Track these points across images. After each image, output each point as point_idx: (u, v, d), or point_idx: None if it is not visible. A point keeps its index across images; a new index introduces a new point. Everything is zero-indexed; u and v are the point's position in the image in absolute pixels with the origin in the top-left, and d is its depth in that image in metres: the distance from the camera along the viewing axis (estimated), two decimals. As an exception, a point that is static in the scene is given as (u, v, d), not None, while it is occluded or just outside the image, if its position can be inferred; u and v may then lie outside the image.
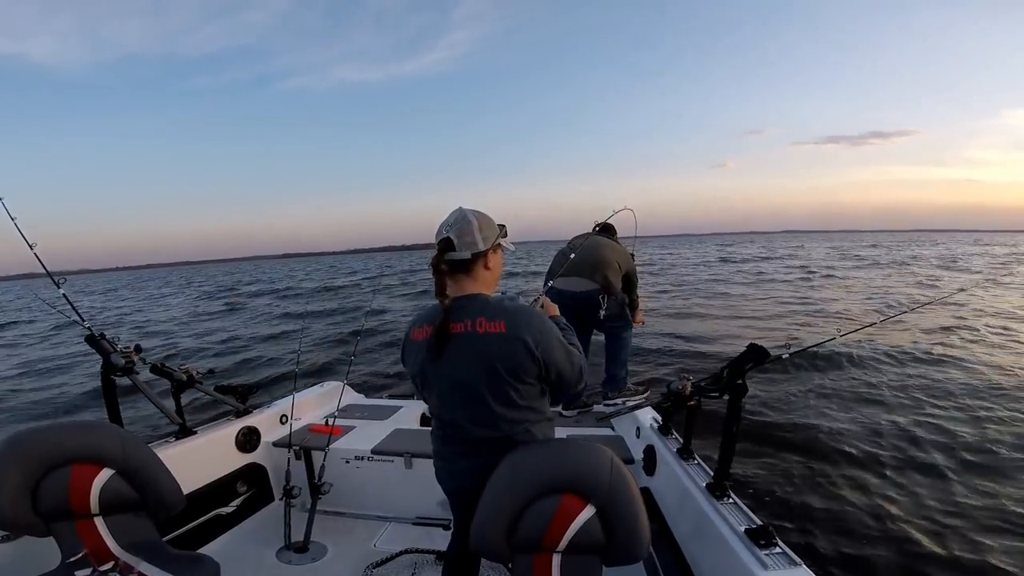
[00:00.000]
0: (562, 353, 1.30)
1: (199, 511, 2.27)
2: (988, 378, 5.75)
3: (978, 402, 5.01)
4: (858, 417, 4.73)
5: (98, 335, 1.94)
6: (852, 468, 3.76)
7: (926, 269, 21.44)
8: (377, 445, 2.52)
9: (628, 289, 3.13)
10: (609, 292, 2.93)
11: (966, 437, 4.17)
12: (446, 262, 1.28)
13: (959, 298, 10.47)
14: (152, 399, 2.11)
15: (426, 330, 1.31)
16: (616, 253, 3.02)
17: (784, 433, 4.36)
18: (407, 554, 2.21)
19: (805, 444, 4.15)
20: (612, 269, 2.95)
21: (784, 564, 1.26)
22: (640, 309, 3.25)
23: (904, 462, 3.82)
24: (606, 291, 2.92)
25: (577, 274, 2.89)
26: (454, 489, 1.46)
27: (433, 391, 1.35)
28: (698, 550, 1.60)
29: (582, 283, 2.89)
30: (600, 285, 2.90)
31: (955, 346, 7.34)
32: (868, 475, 3.65)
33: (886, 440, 4.20)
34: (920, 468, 3.73)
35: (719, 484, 1.61)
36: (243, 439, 2.51)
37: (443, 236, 1.28)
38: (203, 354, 9.66)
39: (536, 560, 1.26)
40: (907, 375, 5.98)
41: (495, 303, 1.29)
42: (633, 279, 3.12)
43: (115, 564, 1.45)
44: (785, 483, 3.56)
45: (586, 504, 1.23)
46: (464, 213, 1.31)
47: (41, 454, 1.45)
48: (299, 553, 2.23)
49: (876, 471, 3.70)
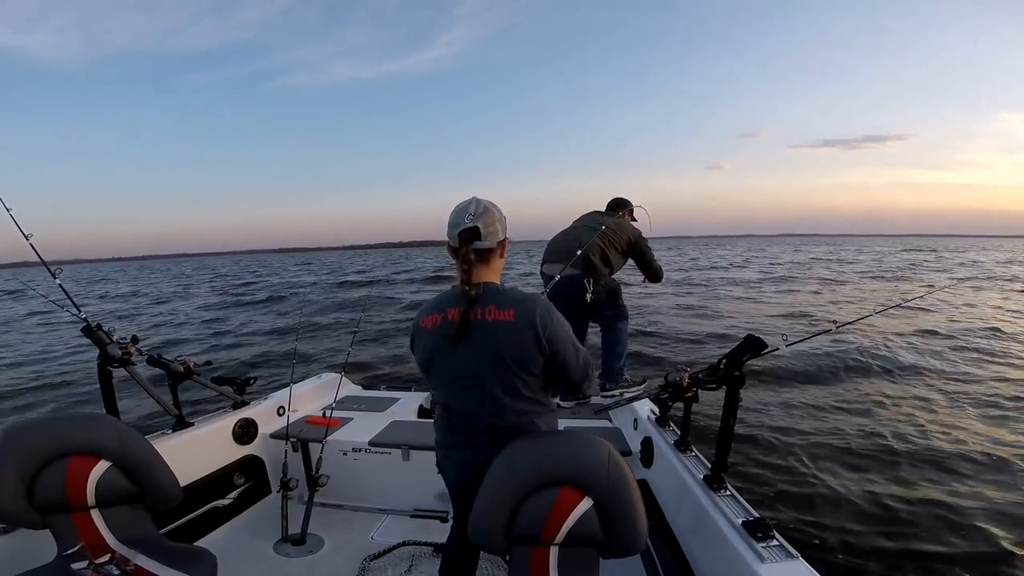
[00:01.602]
0: (569, 343, 1.30)
1: (196, 503, 2.26)
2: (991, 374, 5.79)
3: (982, 395, 5.05)
4: (854, 410, 4.76)
5: (94, 326, 1.93)
6: (849, 460, 3.79)
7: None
8: (374, 437, 2.52)
9: (643, 264, 3.03)
10: (593, 276, 2.78)
11: (969, 432, 4.18)
12: (474, 251, 1.27)
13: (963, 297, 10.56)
14: (149, 391, 2.10)
15: (435, 317, 1.30)
16: (610, 232, 2.86)
17: (781, 425, 4.39)
18: (404, 546, 2.21)
19: (802, 436, 4.18)
20: (595, 250, 2.79)
21: (781, 556, 1.26)
22: None
23: (902, 455, 3.85)
24: (589, 275, 2.77)
25: (557, 259, 2.82)
26: (456, 479, 1.45)
27: (441, 379, 1.35)
28: (695, 542, 1.60)
29: (562, 267, 2.63)
30: (581, 269, 2.72)
31: (954, 344, 7.39)
32: (865, 468, 3.68)
33: (883, 432, 4.23)
34: (918, 462, 3.75)
35: (716, 476, 1.61)
36: (240, 431, 2.50)
37: (468, 226, 1.27)
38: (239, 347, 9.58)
39: (534, 552, 1.26)
40: (907, 367, 6.02)
41: (505, 292, 1.29)
42: (644, 252, 2.99)
43: (112, 557, 1.44)
44: (782, 475, 3.58)
45: (584, 496, 1.23)
46: (485, 203, 1.30)
47: (37, 447, 1.44)
48: (296, 545, 2.23)
49: (873, 464, 3.73)
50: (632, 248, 2.98)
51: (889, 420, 4.51)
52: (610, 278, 2.95)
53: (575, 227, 3.00)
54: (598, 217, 3.00)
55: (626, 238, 2.94)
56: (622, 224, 2.98)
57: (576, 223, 3.04)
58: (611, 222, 2.92)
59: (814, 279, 19.01)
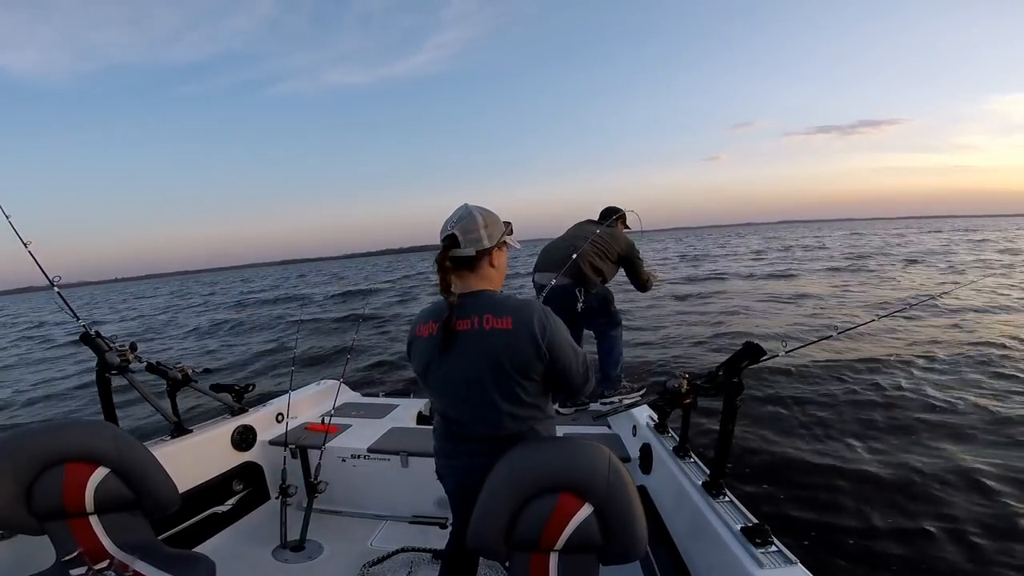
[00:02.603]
0: (568, 347, 1.30)
1: (195, 510, 2.26)
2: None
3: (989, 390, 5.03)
4: (856, 415, 4.75)
5: (93, 333, 1.93)
6: (849, 466, 3.77)
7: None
8: (373, 443, 2.52)
9: (632, 274, 3.07)
10: (584, 285, 2.84)
11: (981, 444, 4.12)
12: (451, 259, 1.27)
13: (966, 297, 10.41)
14: (147, 397, 2.10)
15: (432, 327, 1.30)
16: (602, 242, 2.91)
17: (782, 431, 4.38)
18: (403, 552, 2.20)
19: (803, 442, 4.17)
20: (586, 260, 2.82)
21: (780, 562, 1.26)
22: (655, 275, 3.15)
23: (905, 462, 3.83)
24: (580, 284, 2.83)
25: (548, 268, 2.85)
26: (456, 487, 1.45)
27: (439, 388, 1.35)
28: (694, 548, 1.60)
29: (553, 277, 2.67)
30: (572, 279, 2.78)
31: (955, 341, 7.38)
32: (865, 473, 3.67)
33: (886, 438, 4.21)
34: (919, 468, 3.73)
35: (715, 482, 1.61)
36: (239, 437, 2.50)
37: (447, 232, 1.28)
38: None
39: (533, 558, 1.26)
40: (909, 372, 6.00)
41: (501, 300, 1.29)
42: (635, 262, 3.02)
43: (110, 563, 1.44)
44: (781, 481, 3.57)
45: (584, 503, 1.23)
46: (469, 210, 1.30)
47: (35, 453, 1.44)
48: (295, 552, 2.23)
49: (874, 469, 3.71)
50: (623, 259, 3.02)
51: (895, 425, 4.49)
52: (602, 286, 2.98)
53: (567, 236, 3.03)
54: (590, 227, 3.02)
55: (618, 248, 2.98)
56: (615, 234, 3.01)
57: (568, 232, 3.08)
58: (603, 232, 2.95)
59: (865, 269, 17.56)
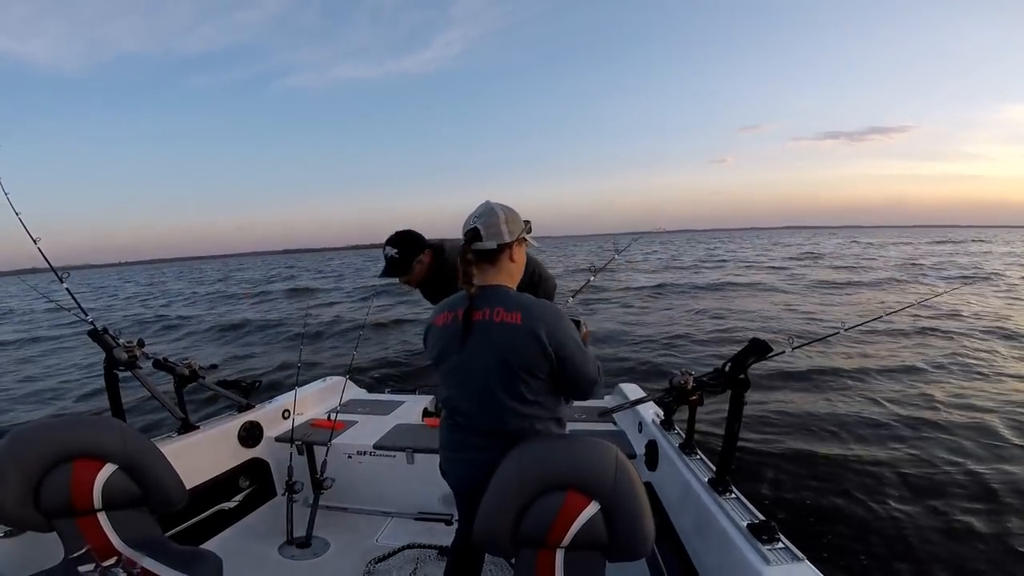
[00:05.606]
0: (578, 349, 1.30)
1: (201, 506, 2.27)
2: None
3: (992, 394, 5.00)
4: (863, 412, 4.72)
5: (101, 330, 1.94)
6: (856, 463, 3.75)
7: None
8: (379, 440, 2.52)
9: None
10: None
11: (989, 443, 4.09)
12: (473, 252, 1.32)
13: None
14: (155, 394, 2.11)
15: (447, 316, 1.33)
16: None
17: (787, 428, 4.36)
18: (409, 549, 2.21)
19: (808, 438, 4.16)
20: None
21: (787, 559, 1.26)
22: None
23: (910, 459, 3.81)
24: None
25: None
26: (456, 481, 1.46)
27: (448, 378, 1.36)
28: (700, 545, 1.60)
29: None
30: None
31: (955, 341, 7.33)
32: (872, 471, 3.65)
33: (890, 435, 4.19)
34: (927, 465, 3.71)
35: (721, 479, 1.60)
36: (245, 434, 2.51)
37: (470, 226, 1.32)
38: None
39: (540, 555, 1.26)
40: (917, 372, 5.96)
41: (515, 296, 1.31)
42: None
43: (118, 559, 1.45)
44: (788, 477, 3.56)
45: (590, 501, 1.23)
46: (491, 206, 1.35)
47: (43, 450, 1.45)
48: (301, 548, 2.24)
49: (881, 467, 3.70)
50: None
51: (900, 423, 4.47)
52: None
53: None
54: None
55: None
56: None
57: None
58: None
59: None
